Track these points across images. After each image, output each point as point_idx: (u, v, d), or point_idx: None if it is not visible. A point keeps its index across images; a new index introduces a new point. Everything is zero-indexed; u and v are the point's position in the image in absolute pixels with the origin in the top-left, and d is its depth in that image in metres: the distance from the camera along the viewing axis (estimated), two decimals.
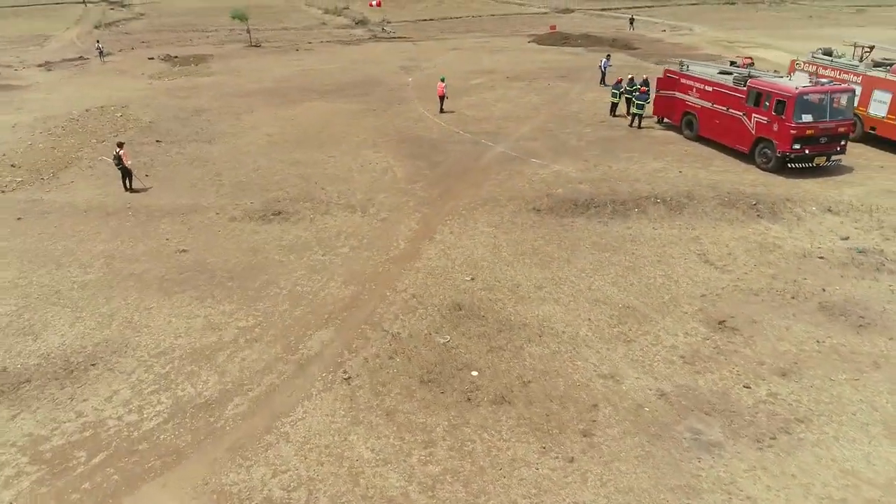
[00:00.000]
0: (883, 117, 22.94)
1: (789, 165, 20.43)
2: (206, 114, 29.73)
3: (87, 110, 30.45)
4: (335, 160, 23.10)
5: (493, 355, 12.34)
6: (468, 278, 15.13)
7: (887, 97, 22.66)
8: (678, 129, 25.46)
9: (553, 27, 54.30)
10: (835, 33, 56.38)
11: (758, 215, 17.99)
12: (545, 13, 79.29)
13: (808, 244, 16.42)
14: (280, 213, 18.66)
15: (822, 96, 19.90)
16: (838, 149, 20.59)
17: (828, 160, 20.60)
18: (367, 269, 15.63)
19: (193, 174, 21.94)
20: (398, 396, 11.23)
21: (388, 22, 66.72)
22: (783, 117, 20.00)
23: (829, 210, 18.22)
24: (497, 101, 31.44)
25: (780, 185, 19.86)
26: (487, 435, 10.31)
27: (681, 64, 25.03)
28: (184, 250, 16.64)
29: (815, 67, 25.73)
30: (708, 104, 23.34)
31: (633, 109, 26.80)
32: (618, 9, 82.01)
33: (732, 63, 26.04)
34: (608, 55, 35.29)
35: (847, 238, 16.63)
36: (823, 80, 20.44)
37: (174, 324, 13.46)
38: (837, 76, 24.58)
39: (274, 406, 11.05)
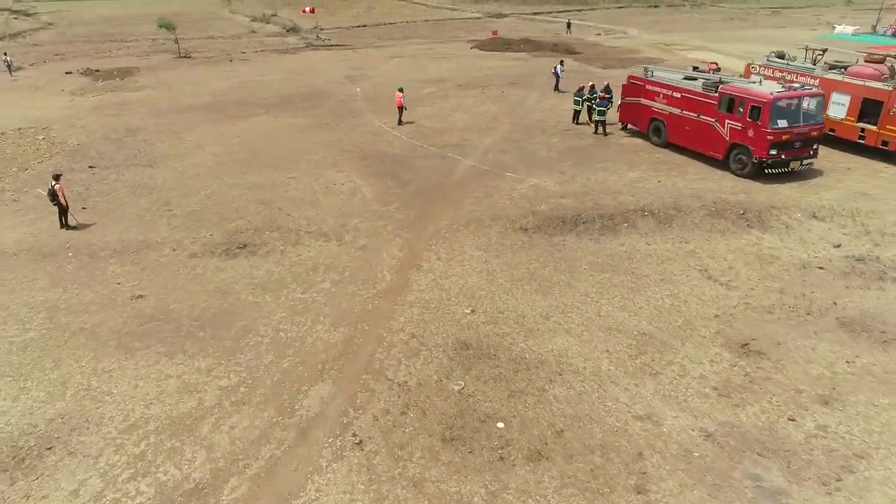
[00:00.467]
0: (842, 119, 23.26)
1: (766, 171, 20.29)
2: (141, 133, 27.19)
3: (2, 133, 27.28)
4: (296, 182, 21.36)
5: (516, 401, 11.17)
6: (468, 311, 13.91)
7: (845, 100, 22.99)
8: (645, 136, 25.11)
9: (494, 32, 53.86)
10: (760, 34, 58.72)
11: (748, 225, 17.63)
12: (478, 18, 79.03)
13: (804, 254, 16.11)
14: (245, 245, 16.84)
15: (796, 101, 19.86)
16: (811, 152, 20.63)
17: (801, 164, 20.60)
18: (354, 306, 14.14)
19: (139, 204, 19.69)
20: (421, 461, 9.88)
21: (321, 29, 64.68)
22: (759, 123, 19.82)
23: (815, 216, 18.08)
24: (454, 110, 30.36)
25: (760, 192, 19.65)
26: (532, 501, 9.12)
27: (645, 70, 24.68)
28: (140, 296, 14.62)
29: (770, 71, 25.99)
30: (677, 111, 23.05)
31: (595, 116, 26.36)
32: (549, 13, 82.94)
33: (695, 68, 25.94)
34: (561, 61, 34.89)
35: (839, 245, 16.44)
36: (795, 84, 20.46)
37: (142, 388, 11.58)
38: (796, 79, 24.82)
39: (279, 485, 9.47)
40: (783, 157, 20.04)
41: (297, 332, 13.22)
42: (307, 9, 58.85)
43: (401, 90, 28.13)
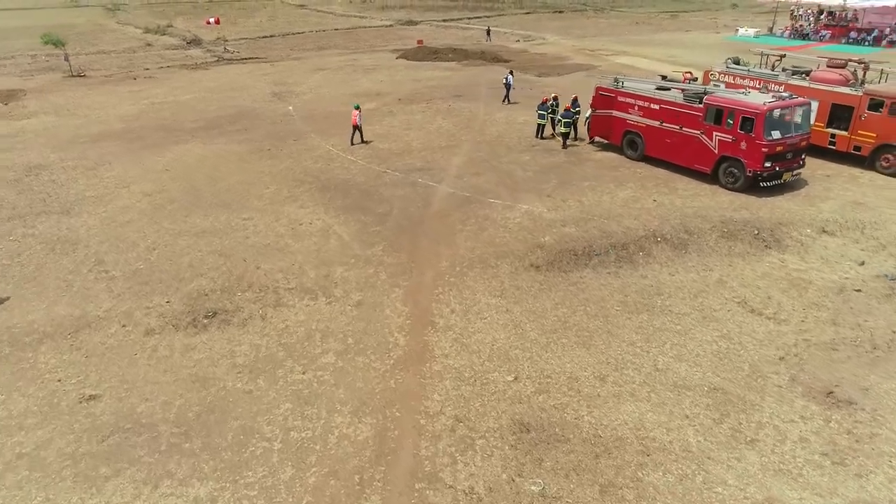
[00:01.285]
0: (811, 125, 23.04)
1: (762, 184, 19.51)
2: (46, 171, 22.93)
3: None
4: (254, 223, 18.34)
5: (612, 498, 9.16)
6: (510, 378, 11.78)
7: (814, 105, 22.75)
8: (618, 150, 23.94)
9: (419, 42, 51.84)
10: (671, 38, 60.40)
11: (765, 246, 16.60)
12: (389, 25, 76.80)
13: (833, 275, 15.21)
14: (215, 312, 13.82)
15: (788, 111, 19.20)
16: (801, 162, 20.10)
17: (792, 175, 20.03)
18: (373, 385, 11.63)
19: (63, 265, 16.02)
20: None
21: (226, 40, 60.13)
22: (752, 135, 19.00)
23: (825, 231, 17.36)
24: (406, 128, 28.04)
25: (760, 207, 18.81)
26: None
27: (616, 81, 23.50)
28: (92, 396, 11.39)
29: (732, 78, 25.61)
30: (655, 123, 21.97)
31: (559, 129, 24.99)
32: (459, 20, 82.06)
33: (664, 77, 25.13)
34: (511, 71, 33.36)
35: (863, 263, 15.71)
36: (784, 94, 19.86)
37: None
38: (757, 86, 24.50)
39: None
40: (777, 168, 19.33)
41: (312, 428, 10.56)
42: (211, 19, 54.31)
43: (357, 108, 25.64)
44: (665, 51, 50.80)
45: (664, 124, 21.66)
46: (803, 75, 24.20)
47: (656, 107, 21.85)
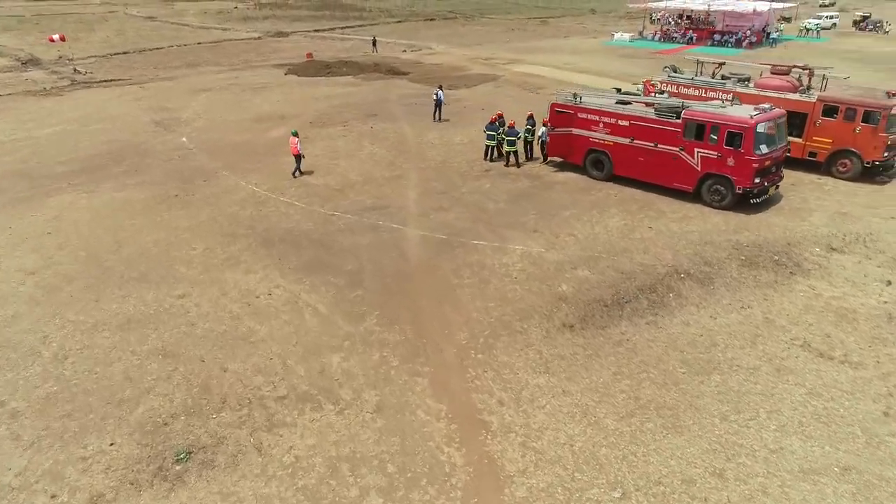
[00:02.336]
0: None
1: (752, 201, 18.52)
2: None
3: None
4: (194, 302, 14.28)
5: None
6: (616, 494, 9.25)
7: None
8: (579, 169, 22.20)
9: (309, 55, 47.65)
10: (556, 44, 60.89)
11: (790, 272, 15.38)
12: (258, 38, 71.26)
13: (871, 300, 14.25)
14: (189, 452, 9.94)
15: (771, 123, 18.34)
16: (781, 175, 19.41)
17: (775, 188, 19.28)
18: None
19: None
20: None
21: (72, 59, 52.14)
22: (741, 150, 17.92)
23: (833, 248, 16.55)
24: (333, 157, 24.53)
25: (757, 227, 17.77)
26: None
27: (575, 96, 21.71)
28: None
29: (675, 87, 24.87)
30: (625, 140, 20.44)
31: (505, 147, 22.91)
32: (331, 30, 78.24)
33: (617, 90, 23.75)
34: (440, 86, 30.69)
35: (890, 283, 14.91)
36: (765, 105, 19.01)
37: None
38: (704, 94, 23.94)
39: None
40: (765, 183, 18.42)
41: None
42: (55, 36, 46.59)
43: (295, 134, 21.99)
44: (558, 58, 50.72)
45: (635, 141, 20.16)
46: (746, 82, 23.91)
47: (625, 123, 20.31)
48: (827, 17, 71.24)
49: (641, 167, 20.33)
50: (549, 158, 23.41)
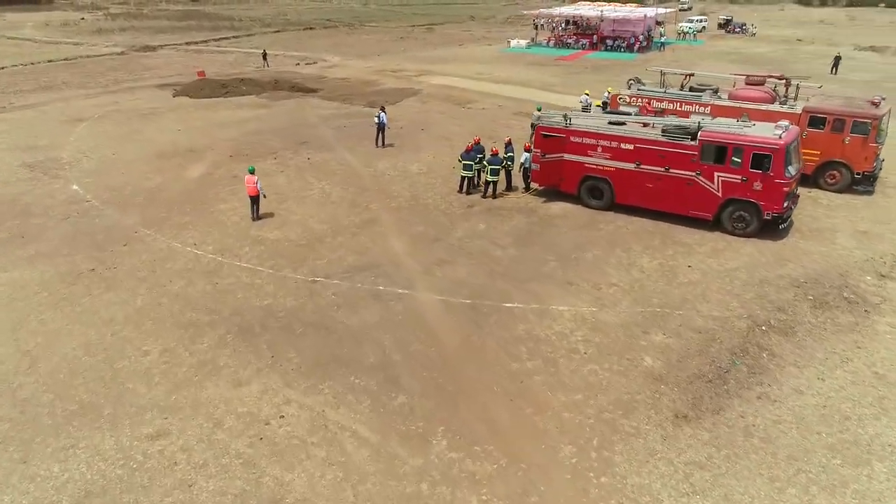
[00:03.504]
0: None
1: (781, 227, 17.12)
2: None
3: None
4: (179, 446, 10.12)
5: None
6: None
7: None
8: (572, 198, 19.91)
9: (201, 73, 41.77)
10: (456, 53, 59.05)
11: (864, 311, 13.94)
12: (121, 53, 63.10)
13: None
14: None
15: (795, 142, 17.01)
16: (798, 195, 18.24)
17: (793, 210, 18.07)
18: None
19: None
20: None
21: None
22: (770, 174, 16.41)
23: (883, 276, 15.48)
24: (280, 200, 20.42)
25: (796, 256, 16.36)
26: None
27: (565, 118, 19.35)
28: None
29: (647, 101, 23.34)
30: (629, 165, 18.40)
31: (487, 177, 20.19)
32: (205, 42, 71.35)
33: (603, 106, 21.69)
34: (383, 107, 27.04)
35: None
36: (783, 122, 17.61)
37: None
38: (679, 108, 22.62)
39: None
40: (792, 207, 17.09)
41: None
42: None
43: (252, 171, 18.06)
44: (467, 67, 48.75)
45: (642, 166, 18.16)
46: (718, 94, 22.86)
47: (629, 146, 18.25)
48: (697, 20, 75.29)
49: (650, 194, 18.37)
50: (531, 188, 20.89)
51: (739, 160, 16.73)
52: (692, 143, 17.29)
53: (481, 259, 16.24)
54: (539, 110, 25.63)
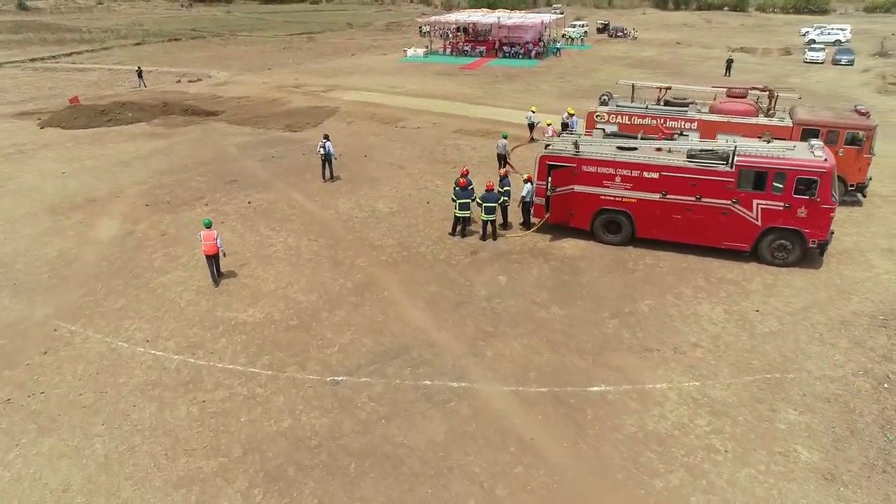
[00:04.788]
0: None
1: (822, 255, 15.92)
2: None
3: None
4: None
5: None
6: None
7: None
8: (583, 234, 17.68)
9: (75, 99, 34.79)
10: (350, 64, 55.48)
11: None
12: None
13: None
14: None
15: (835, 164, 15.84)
16: None
17: None
18: None
19: None
20: None
21: None
22: (816, 199, 15.10)
23: None
24: (240, 263, 16.36)
25: (856, 287, 15.12)
26: None
27: (575, 145, 17.01)
28: None
29: (627, 118, 21.71)
30: (653, 195, 16.46)
31: (483, 216, 17.49)
32: (53, 58, 61.97)
33: (563, 127, 19.56)
34: (326, 136, 23.09)
35: None
36: (815, 142, 16.36)
37: None
38: (663, 125, 21.20)
39: None
40: (832, 231, 15.94)
41: None
42: None
43: (209, 225, 14.40)
44: (375, 80, 45.52)
45: (669, 196, 16.27)
46: (698, 108, 21.69)
47: (653, 175, 16.29)
48: (580, 25, 76.99)
49: (678, 227, 16.54)
50: (532, 223, 18.39)
51: (782, 185, 15.29)
52: (728, 168, 15.62)
53: (528, 325, 13.45)
54: (505, 137, 23.41)
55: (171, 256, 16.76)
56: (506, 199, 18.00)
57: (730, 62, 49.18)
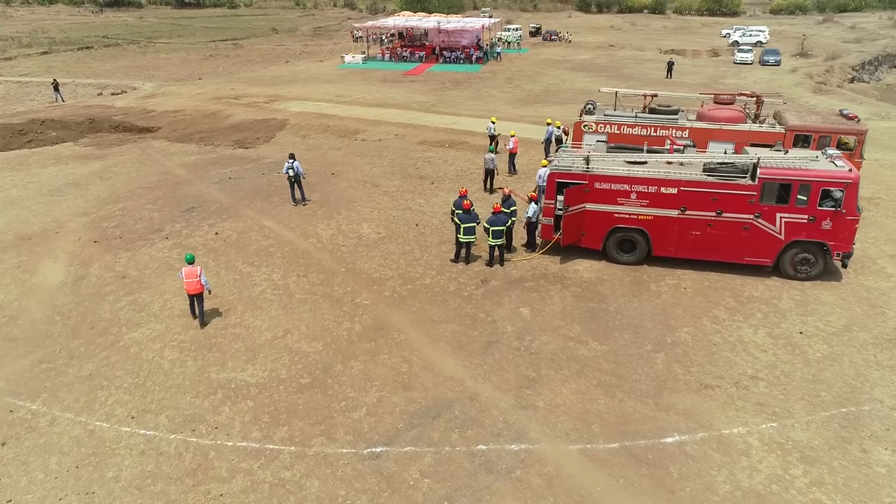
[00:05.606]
0: None
1: (844, 267, 15.48)
2: None
3: None
4: None
5: None
6: None
7: (728, 148, 19.79)
8: (594, 254, 16.60)
9: None
10: (289, 72, 52.85)
11: None
12: None
13: None
14: None
15: None
16: None
17: None
18: None
19: None
20: None
21: None
22: (842, 211, 14.61)
23: None
24: (222, 308, 14.25)
25: (886, 302, 14.66)
26: None
27: (587, 161, 15.87)
28: None
29: (617, 127, 20.89)
30: (672, 212, 15.57)
31: (489, 240, 16.11)
32: None
33: (605, 142, 18.48)
34: (293, 155, 20.83)
35: None
36: (832, 151, 15.86)
37: None
38: (653, 133, 20.53)
39: None
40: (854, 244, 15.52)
41: None
42: None
43: (191, 261, 13.12)
44: (320, 89, 43.38)
45: (688, 212, 15.42)
46: (676, 115, 21.14)
47: (672, 190, 15.39)
48: (514, 29, 76.96)
49: (696, 244, 15.71)
50: (538, 244, 17.14)
51: (806, 198, 14.71)
52: (750, 182, 14.90)
53: (571, 366, 12.15)
54: (492, 151, 22.06)
55: (138, 305, 14.41)
56: (513, 219, 16.64)
57: (671, 64, 50.02)
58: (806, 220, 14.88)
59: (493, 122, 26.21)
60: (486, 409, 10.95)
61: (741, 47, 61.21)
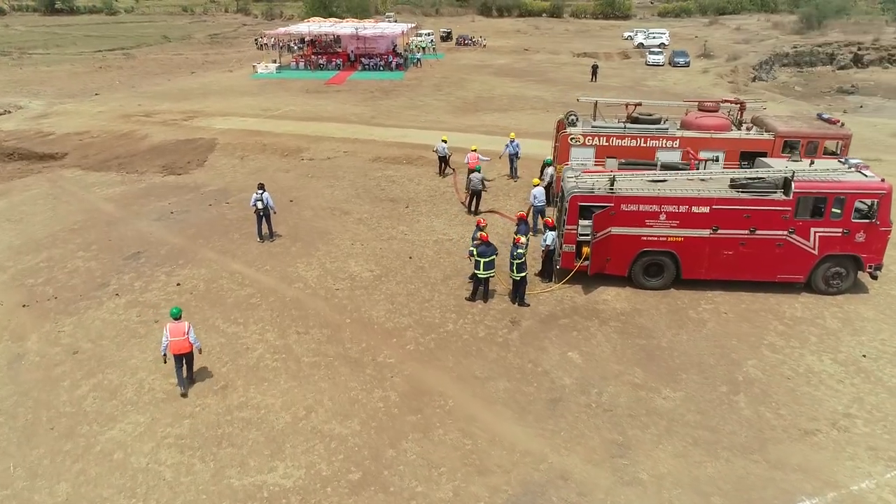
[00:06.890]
0: None
1: (875, 279, 15.09)
2: None
3: None
4: None
5: None
6: None
7: (718, 156, 19.47)
8: (619, 280, 15.34)
9: None
10: (200, 84, 48.66)
11: None
12: None
13: None
14: None
15: None
16: None
17: None
18: None
19: None
20: None
21: None
22: (875, 222, 14.18)
23: None
24: (217, 383, 11.64)
25: None
26: None
27: (612, 182, 14.52)
28: None
29: (605, 139, 19.81)
30: (703, 232, 14.57)
31: (513, 274, 14.39)
32: None
33: (615, 158, 17.15)
34: (262, 186, 17.93)
35: None
36: (854, 160, 15.32)
37: None
38: (644, 144, 19.67)
39: None
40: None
41: None
42: None
43: (177, 316, 11.19)
44: (241, 102, 39.93)
45: (720, 231, 14.47)
46: (673, 124, 20.45)
47: (703, 209, 14.37)
48: (427, 34, 75.70)
49: (728, 264, 14.81)
50: (547, 272, 15.63)
51: (840, 211, 14.14)
52: (784, 196, 14.13)
53: (655, 422, 10.68)
54: (479, 170, 20.22)
55: (106, 390, 11.48)
56: (520, 251, 14.88)
57: (595, 67, 50.46)
58: (840, 234, 14.32)
59: (445, 142, 24.12)
60: (587, 492, 9.23)
61: (652, 49, 63.13)
